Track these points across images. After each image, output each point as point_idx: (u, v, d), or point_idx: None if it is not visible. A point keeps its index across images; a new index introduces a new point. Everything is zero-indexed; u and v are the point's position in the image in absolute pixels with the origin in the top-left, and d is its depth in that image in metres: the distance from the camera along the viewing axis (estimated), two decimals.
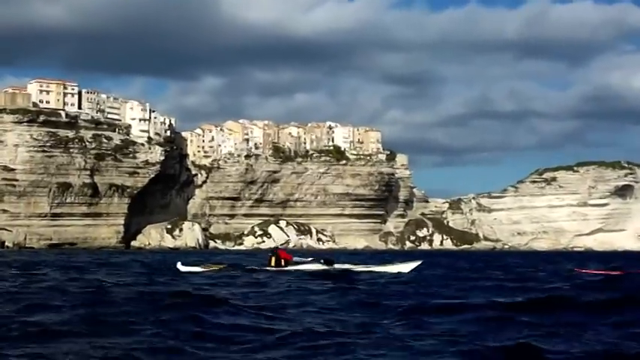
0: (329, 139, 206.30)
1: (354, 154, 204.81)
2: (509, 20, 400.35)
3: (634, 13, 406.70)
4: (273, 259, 32.91)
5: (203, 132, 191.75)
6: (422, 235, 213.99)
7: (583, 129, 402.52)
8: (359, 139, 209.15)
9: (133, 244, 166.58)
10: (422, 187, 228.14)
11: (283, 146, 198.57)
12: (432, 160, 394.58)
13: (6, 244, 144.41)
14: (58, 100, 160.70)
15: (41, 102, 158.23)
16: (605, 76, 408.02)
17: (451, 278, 28.05)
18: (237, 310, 14.71)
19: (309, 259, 34.38)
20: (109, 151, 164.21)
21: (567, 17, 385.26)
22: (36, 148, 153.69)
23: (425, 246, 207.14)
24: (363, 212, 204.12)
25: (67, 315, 13.03)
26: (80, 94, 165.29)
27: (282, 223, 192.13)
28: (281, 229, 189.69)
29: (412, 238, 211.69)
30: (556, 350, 9.73)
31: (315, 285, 23.19)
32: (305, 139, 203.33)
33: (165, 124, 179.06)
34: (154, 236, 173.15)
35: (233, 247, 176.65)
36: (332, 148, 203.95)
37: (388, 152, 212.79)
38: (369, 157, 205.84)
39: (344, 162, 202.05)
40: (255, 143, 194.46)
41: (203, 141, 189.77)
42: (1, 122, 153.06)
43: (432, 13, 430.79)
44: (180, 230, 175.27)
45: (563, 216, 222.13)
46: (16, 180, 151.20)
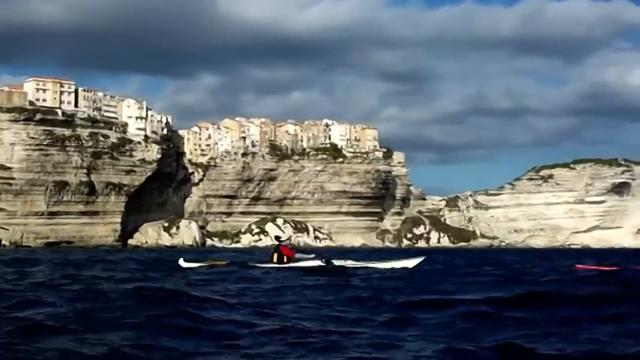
0: (326, 136, 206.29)
1: (350, 152, 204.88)
2: (505, 17, 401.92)
3: (629, 10, 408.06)
4: (276, 255, 32.92)
5: (200, 130, 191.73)
6: (419, 232, 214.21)
7: (579, 126, 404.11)
8: (356, 137, 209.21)
9: (130, 242, 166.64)
10: (419, 184, 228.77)
11: (280, 144, 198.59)
12: (429, 157, 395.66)
13: (2, 242, 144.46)
14: (55, 98, 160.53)
15: (38, 100, 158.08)
16: (601, 74, 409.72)
17: (447, 274, 28.03)
18: (230, 305, 14.65)
19: (311, 255, 34.31)
20: (106, 150, 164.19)
21: (563, 14, 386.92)
22: (33, 147, 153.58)
23: (422, 243, 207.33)
24: (360, 210, 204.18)
25: (58, 311, 12.95)
26: (77, 93, 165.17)
27: (279, 221, 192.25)
28: (278, 227, 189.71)
29: (409, 235, 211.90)
30: (548, 348, 9.67)
31: (311, 281, 23.19)
32: (302, 137, 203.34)
33: (162, 123, 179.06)
34: (150, 234, 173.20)
35: (230, 245, 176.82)
36: (329, 145, 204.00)
37: (385, 150, 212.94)
38: (365, 155, 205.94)
39: (341, 160, 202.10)
40: (252, 141, 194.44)
41: (200, 139, 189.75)
42: None
43: (428, 10, 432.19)
44: (177, 228, 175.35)
45: (560, 213, 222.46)
46: (13, 178, 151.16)
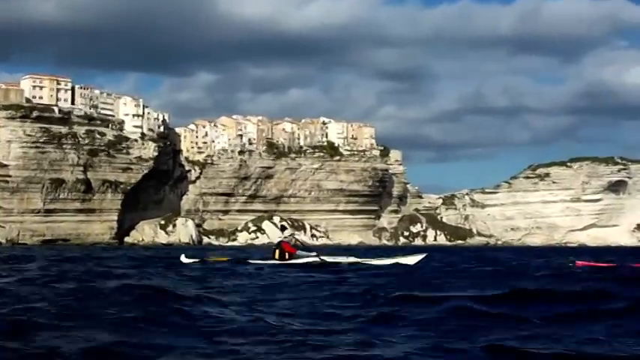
0: (323, 134, 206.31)
1: (347, 150, 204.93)
2: (502, 16, 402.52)
3: (627, 9, 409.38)
4: (277, 252, 32.95)
5: (197, 128, 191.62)
6: (415, 230, 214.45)
7: (576, 124, 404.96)
8: (353, 135, 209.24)
9: (127, 240, 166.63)
10: (415, 182, 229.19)
11: (277, 142, 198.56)
12: (426, 155, 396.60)
13: None
14: (51, 95, 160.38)
15: (34, 98, 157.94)
16: (598, 72, 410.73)
17: (442, 271, 28.02)
18: (223, 302, 14.57)
19: (313, 252, 34.27)
20: (102, 147, 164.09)
21: (561, 13, 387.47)
22: (29, 144, 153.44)
23: (418, 241, 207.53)
24: (357, 208, 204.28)
25: (47, 307, 12.85)
26: (73, 90, 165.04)
27: (276, 219, 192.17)
28: (275, 225, 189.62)
29: (406, 233, 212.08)
30: (540, 345, 9.60)
31: (308, 277, 23.20)
32: (299, 135, 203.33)
33: (158, 120, 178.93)
34: (147, 232, 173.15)
35: (227, 242, 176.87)
36: (326, 143, 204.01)
37: (382, 148, 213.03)
38: (362, 153, 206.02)
39: (338, 158, 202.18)
40: (249, 139, 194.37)
41: (196, 137, 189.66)
42: None
43: (426, 8, 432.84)
44: (174, 226, 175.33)
45: (556, 211, 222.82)
46: (9, 176, 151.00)
